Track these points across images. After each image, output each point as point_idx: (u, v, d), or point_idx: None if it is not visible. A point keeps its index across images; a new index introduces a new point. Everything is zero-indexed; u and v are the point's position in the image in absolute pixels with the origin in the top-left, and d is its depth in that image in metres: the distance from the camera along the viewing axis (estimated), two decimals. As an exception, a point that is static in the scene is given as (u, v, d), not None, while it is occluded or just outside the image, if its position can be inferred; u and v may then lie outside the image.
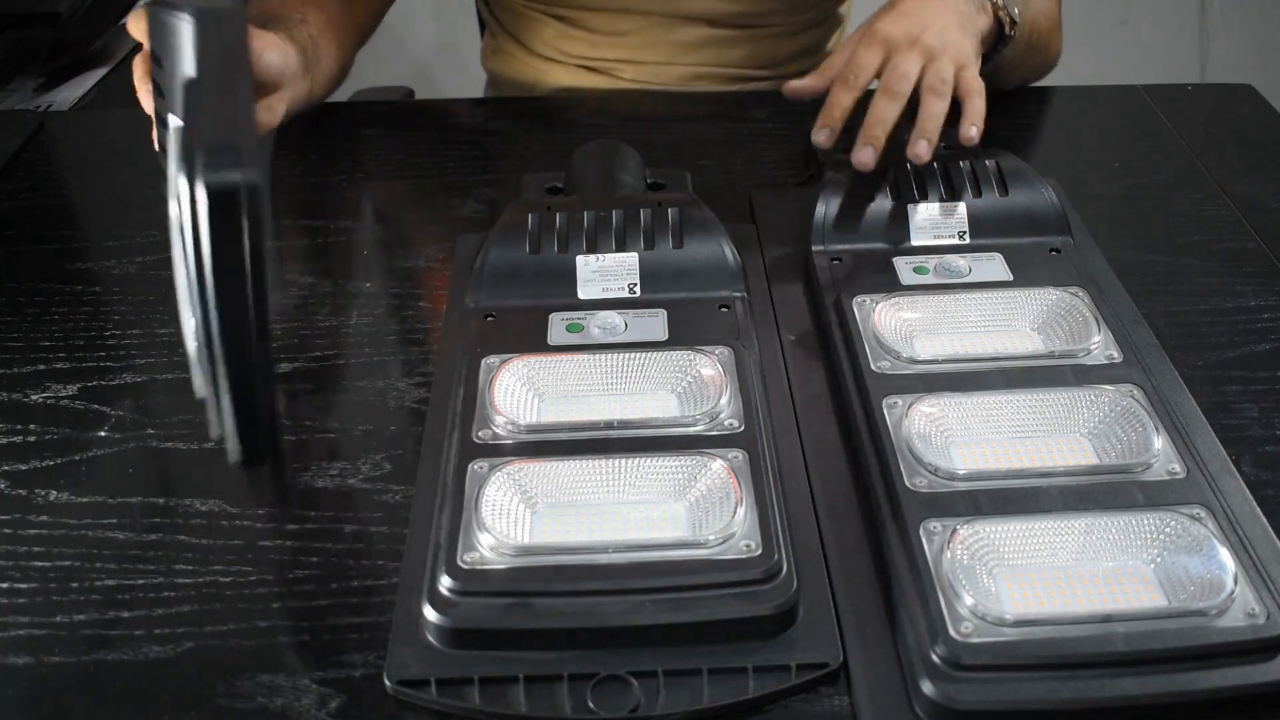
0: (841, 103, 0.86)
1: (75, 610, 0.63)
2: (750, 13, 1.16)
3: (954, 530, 0.60)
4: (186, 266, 0.59)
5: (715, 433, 0.67)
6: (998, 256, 0.81)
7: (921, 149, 0.82)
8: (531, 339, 0.76)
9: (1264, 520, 0.62)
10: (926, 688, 0.55)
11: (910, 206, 0.84)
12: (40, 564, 0.66)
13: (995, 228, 0.83)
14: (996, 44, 0.97)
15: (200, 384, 0.61)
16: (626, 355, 0.73)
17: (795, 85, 0.92)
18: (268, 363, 0.64)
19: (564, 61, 1.19)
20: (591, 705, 0.56)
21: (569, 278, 0.80)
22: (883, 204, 0.84)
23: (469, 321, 0.78)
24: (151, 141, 0.74)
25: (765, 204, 0.94)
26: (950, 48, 0.87)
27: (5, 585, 0.64)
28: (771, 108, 1.08)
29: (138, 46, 0.78)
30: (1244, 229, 0.91)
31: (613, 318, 0.76)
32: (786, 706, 0.57)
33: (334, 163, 1.04)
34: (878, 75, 0.87)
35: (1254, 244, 0.90)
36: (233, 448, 0.62)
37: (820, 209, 0.84)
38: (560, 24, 1.18)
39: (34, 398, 0.78)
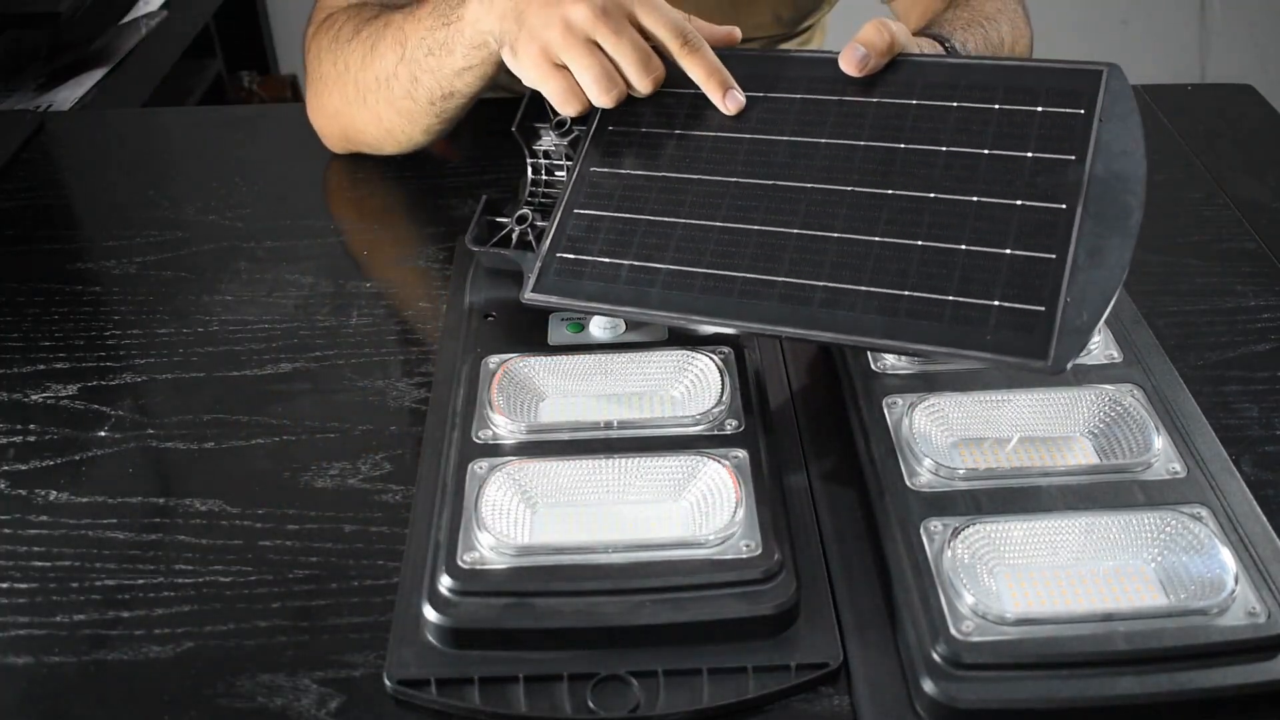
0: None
1: (75, 610, 0.63)
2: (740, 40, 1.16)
3: (955, 529, 0.60)
4: None
5: (715, 433, 0.67)
6: (998, 256, 0.81)
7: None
8: (531, 339, 0.75)
9: (1264, 519, 0.62)
10: (927, 686, 0.55)
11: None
12: (40, 564, 0.66)
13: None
14: None
15: None
16: (626, 355, 0.73)
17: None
18: None
19: None
20: (591, 705, 0.56)
21: (569, 278, 0.80)
22: (883, 204, 0.84)
23: (469, 321, 0.78)
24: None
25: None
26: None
27: (5, 585, 0.64)
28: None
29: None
30: (1244, 229, 0.91)
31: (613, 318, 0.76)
32: (786, 706, 0.57)
33: (334, 163, 1.04)
34: None
35: (1254, 244, 0.90)
36: None
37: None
38: None
39: (34, 398, 0.78)
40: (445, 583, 0.59)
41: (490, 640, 0.58)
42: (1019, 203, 0.68)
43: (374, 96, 0.95)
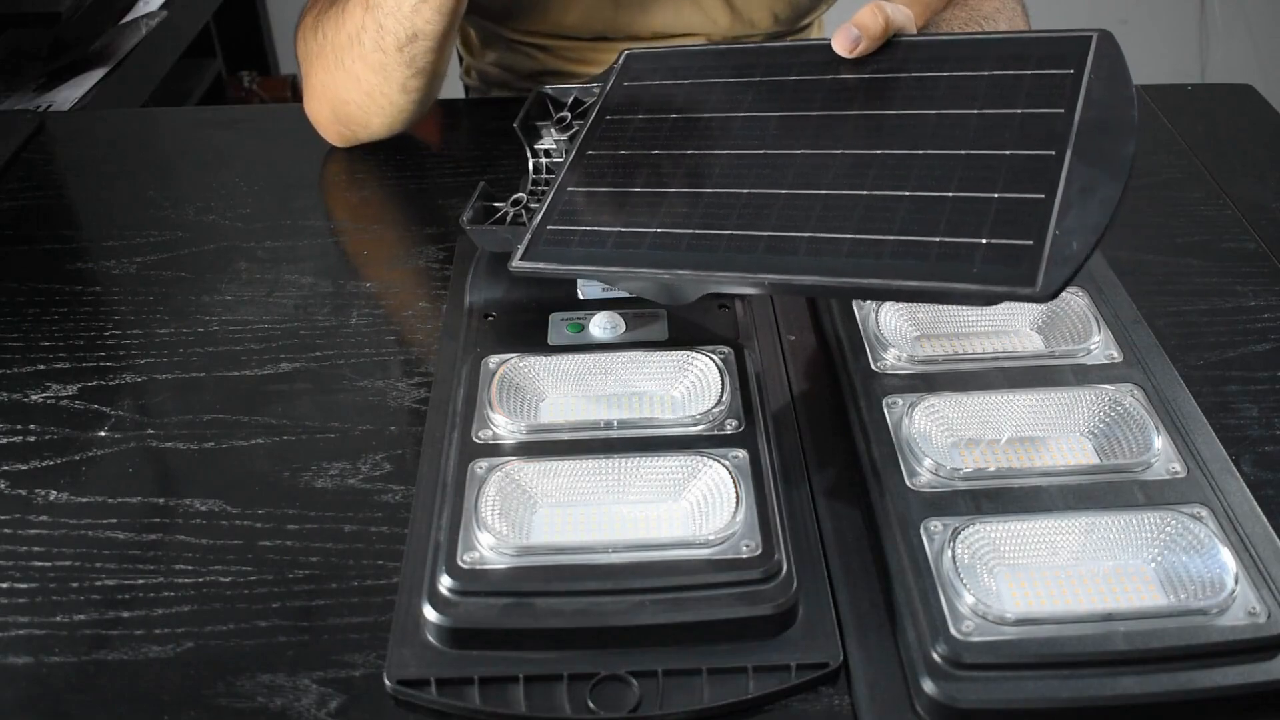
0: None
1: (75, 610, 0.63)
2: (738, 37, 1.16)
3: (955, 529, 0.60)
4: None
5: (715, 433, 0.67)
6: (998, 256, 0.81)
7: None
8: (531, 339, 0.75)
9: (1264, 519, 0.62)
10: (927, 686, 0.55)
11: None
12: (40, 564, 0.66)
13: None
14: None
15: None
16: (626, 355, 0.73)
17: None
18: None
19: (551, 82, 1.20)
20: (591, 705, 0.56)
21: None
22: (883, 204, 0.84)
23: (469, 321, 0.78)
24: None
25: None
26: None
27: (5, 585, 0.64)
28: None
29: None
30: (1244, 229, 0.91)
31: (613, 318, 0.76)
32: (786, 706, 0.57)
33: (334, 163, 1.04)
34: None
35: (1254, 244, 0.90)
36: None
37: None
38: (545, 55, 1.18)
39: (34, 398, 0.78)
40: (445, 583, 0.59)
41: (490, 640, 0.58)
42: (1007, 152, 0.67)
43: (349, 55, 0.96)
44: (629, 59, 0.84)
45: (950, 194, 0.66)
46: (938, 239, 0.64)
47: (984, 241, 0.63)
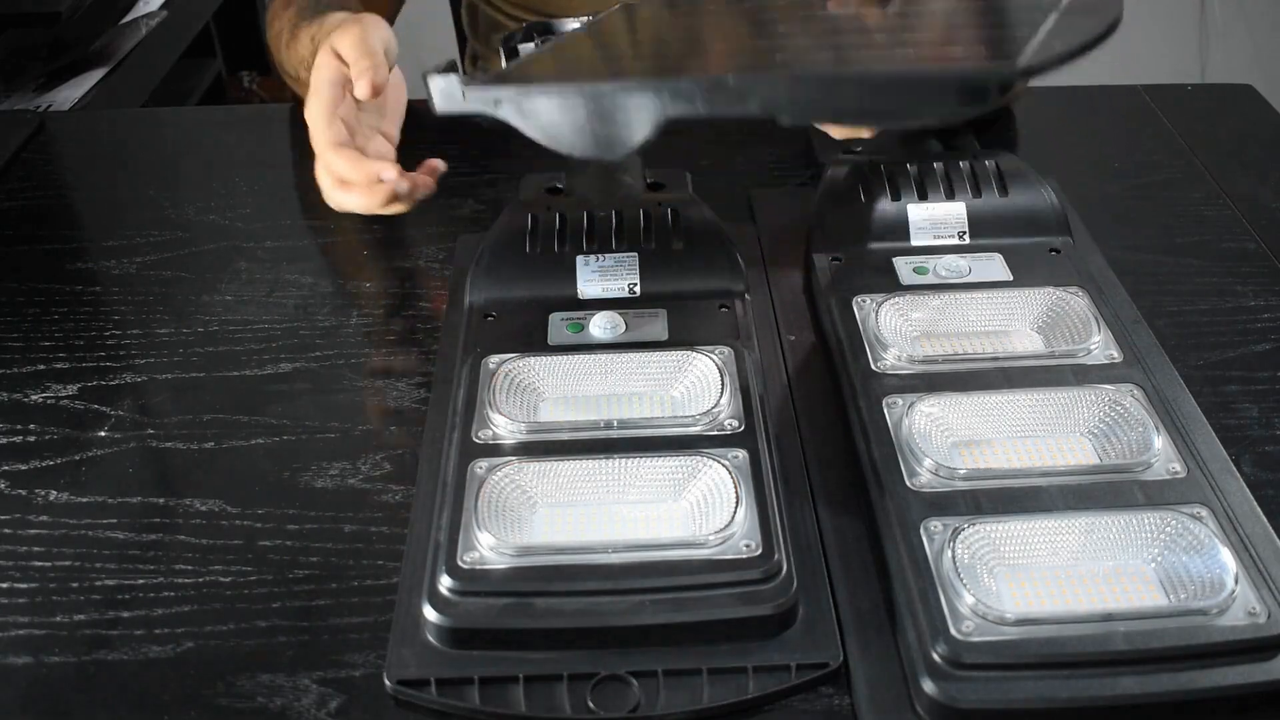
0: None
1: (75, 610, 0.63)
2: None
3: (955, 529, 0.60)
4: None
5: (715, 433, 0.67)
6: (997, 256, 0.81)
7: None
8: (531, 339, 0.76)
9: (1264, 520, 0.62)
10: (927, 686, 0.55)
11: (910, 206, 0.84)
12: (40, 564, 0.66)
13: (995, 228, 0.83)
14: None
15: None
16: (626, 355, 0.73)
17: None
18: None
19: None
20: (591, 705, 0.56)
21: (569, 277, 0.80)
22: (883, 204, 0.84)
23: (469, 321, 0.78)
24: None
25: (765, 204, 0.93)
26: None
27: (5, 585, 0.64)
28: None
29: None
30: (1244, 229, 0.91)
31: (613, 318, 0.76)
32: (786, 706, 0.57)
33: (334, 163, 1.04)
34: None
35: (1254, 244, 0.90)
36: None
37: (820, 208, 0.84)
38: None
39: (34, 398, 0.78)
40: (445, 583, 0.59)
41: (490, 640, 0.58)
42: (988, 29, 0.69)
43: (280, 72, 1.04)
44: (624, 7, 0.84)
45: (926, 47, 0.67)
46: (911, 65, 0.65)
47: (960, 66, 0.63)
